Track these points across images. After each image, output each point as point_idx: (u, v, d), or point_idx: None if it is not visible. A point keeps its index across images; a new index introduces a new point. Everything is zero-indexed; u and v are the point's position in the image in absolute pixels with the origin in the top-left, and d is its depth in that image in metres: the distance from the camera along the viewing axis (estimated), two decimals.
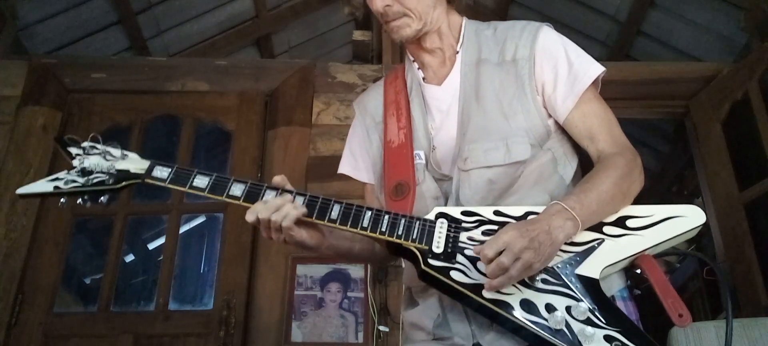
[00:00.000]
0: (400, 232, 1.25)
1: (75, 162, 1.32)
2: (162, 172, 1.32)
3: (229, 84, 3.46)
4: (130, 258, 5.08)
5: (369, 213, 1.27)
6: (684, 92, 3.50)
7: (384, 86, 1.56)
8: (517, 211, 1.26)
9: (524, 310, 1.15)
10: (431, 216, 1.27)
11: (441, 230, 1.24)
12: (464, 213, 1.27)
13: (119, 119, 3.38)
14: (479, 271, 1.18)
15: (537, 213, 1.22)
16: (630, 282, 1.27)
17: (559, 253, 1.20)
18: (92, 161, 1.32)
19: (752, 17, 3.45)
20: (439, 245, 1.22)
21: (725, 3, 3.66)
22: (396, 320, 2.88)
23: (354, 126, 1.62)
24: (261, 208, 1.25)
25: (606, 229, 1.25)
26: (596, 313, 1.15)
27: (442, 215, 1.26)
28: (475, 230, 1.24)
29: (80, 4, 3.95)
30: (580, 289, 1.18)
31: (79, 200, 1.31)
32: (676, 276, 4.69)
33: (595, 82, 1.37)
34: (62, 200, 1.31)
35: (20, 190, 1.31)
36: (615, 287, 1.27)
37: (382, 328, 2.89)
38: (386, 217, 1.26)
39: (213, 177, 1.31)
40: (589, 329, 1.12)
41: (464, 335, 1.27)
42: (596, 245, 1.23)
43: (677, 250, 1.31)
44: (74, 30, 4.05)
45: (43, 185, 1.30)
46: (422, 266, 1.21)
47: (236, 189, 1.29)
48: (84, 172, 1.31)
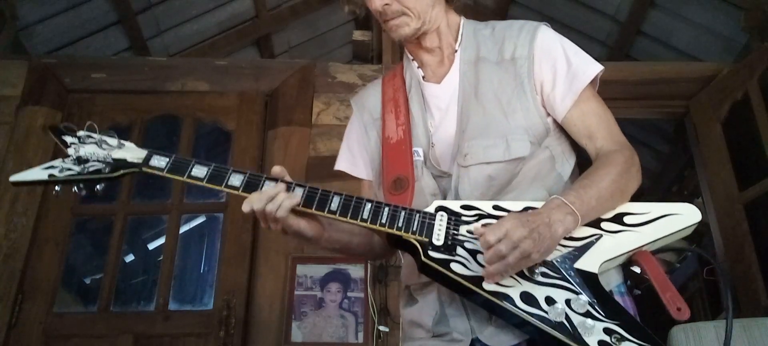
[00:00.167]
0: (401, 224, 1.25)
1: (70, 150, 1.30)
2: (160, 161, 1.31)
3: (229, 84, 3.46)
4: (130, 258, 5.07)
5: (369, 205, 1.27)
6: (684, 92, 3.50)
7: (382, 84, 1.57)
8: (516, 205, 1.26)
9: (524, 302, 1.16)
10: (431, 209, 1.27)
11: (441, 223, 1.24)
12: (464, 207, 1.27)
13: (119, 119, 3.37)
14: (479, 263, 1.19)
15: (535, 208, 1.23)
16: (630, 282, 1.28)
17: (558, 247, 1.21)
18: (88, 150, 1.31)
19: (752, 17, 3.45)
20: (439, 238, 1.23)
21: (725, 3, 3.66)
22: (396, 320, 2.87)
23: (351, 123, 1.61)
24: (256, 198, 1.25)
25: (604, 225, 1.26)
26: (596, 306, 1.16)
27: (442, 209, 1.27)
28: (475, 224, 1.24)
29: (80, 4, 3.95)
30: (580, 283, 1.19)
31: (75, 188, 1.29)
32: (676, 276, 4.69)
33: (594, 80, 1.37)
34: (57, 188, 1.29)
35: (14, 177, 1.28)
36: (613, 283, 1.28)
37: (382, 328, 2.89)
38: (386, 209, 1.26)
39: (211, 167, 1.30)
40: (589, 322, 1.13)
41: (463, 331, 1.28)
42: (594, 241, 1.24)
43: (680, 246, 1.32)
44: (74, 30, 4.05)
45: (38, 173, 1.28)
46: (422, 259, 1.21)
47: (235, 179, 1.29)
48: (80, 160, 1.30)
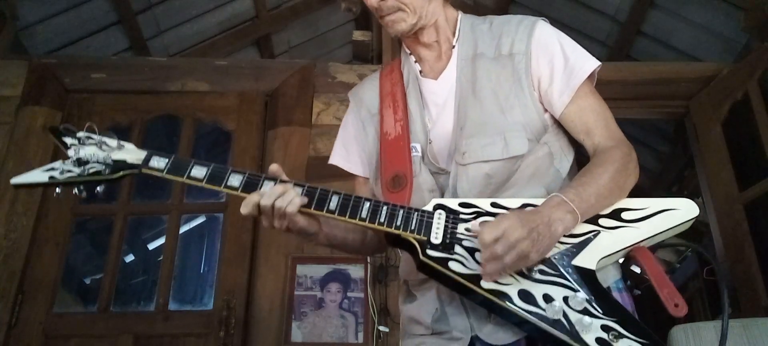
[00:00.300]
0: (399, 223, 1.25)
1: (70, 152, 1.31)
2: (159, 162, 1.32)
3: (229, 84, 3.45)
4: (130, 258, 5.08)
5: (367, 204, 1.27)
6: (684, 92, 3.50)
7: (380, 79, 1.56)
8: (514, 203, 1.26)
9: (522, 300, 1.16)
10: (429, 207, 1.27)
11: (439, 221, 1.24)
12: (462, 204, 1.27)
13: (119, 119, 3.37)
14: (477, 261, 1.19)
15: (533, 205, 1.23)
16: (630, 282, 1.28)
17: (556, 244, 1.21)
18: (88, 151, 1.31)
19: (752, 17, 3.44)
20: (438, 236, 1.23)
21: (725, 3, 3.66)
22: (396, 320, 2.87)
23: (347, 117, 1.60)
24: (263, 196, 1.25)
25: (601, 221, 1.26)
26: (593, 303, 1.16)
27: (440, 206, 1.27)
28: (473, 222, 1.24)
29: (80, 4, 3.96)
30: (577, 280, 1.19)
31: (75, 190, 1.30)
32: (677, 276, 4.67)
33: (591, 76, 1.37)
34: (58, 190, 1.29)
35: (14, 179, 1.29)
36: (610, 279, 1.28)
37: (382, 328, 2.89)
38: (384, 208, 1.26)
39: (211, 167, 1.30)
40: (587, 319, 1.13)
41: (462, 329, 1.28)
42: (592, 237, 1.24)
43: (677, 242, 1.32)
44: (74, 30, 4.05)
45: (38, 175, 1.29)
46: (421, 257, 1.21)
47: (234, 179, 1.29)
48: (80, 162, 1.30)
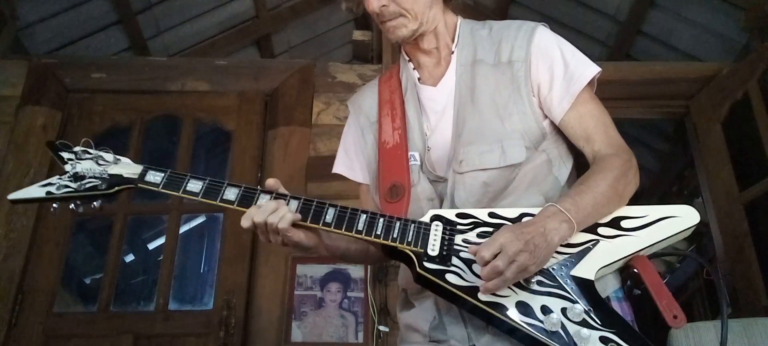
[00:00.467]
0: (396, 235, 1.24)
1: (67, 167, 1.31)
2: (155, 176, 1.31)
3: (229, 84, 3.45)
4: (130, 258, 5.08)
5: (364, 216, 1.26)
6: (684, 92, 3.49)
7: (379, 85, 1.55)
8: (512, 212, 1.25)
9: (520, 312, 1.15)
10: (426, 219, 1.26)
11: (436, 233, 1.24)
12: (459, 215, 1.26)
13: (119, 119, 3.37)
14: (474, 273, 1.18)
15: (532, 214, 1.22)
16: (630, 282, 1.27)
17: (554, 254, 1.20)
18: (84, 166, 1.31)
19: (752, 17, 3.44)
20: (435, 248, 1.22)
21: (725, 3, 3.65)
22: (396, 320, 2.86)
23: (348, 125, 1.61)
24: (256, 212, 1.24)
25: (601, 230, 1.25)
26: (591, 314, 1.15)
27: (437, 218, 1.26)
28: (470, 233, 1.24)
29: (80, 4, 3.95)
30: (576, 290, 1.18)
31: (72, 206, 1.30)
32: (676, 276, 4.68)
33: (591, 82, 1.36)
34: (54, 206, 1.29)
35: (12, 196, 1.29)
36: (610, 288, 1.27)
37: (382, 328, 2.89)
38: (381, 220, 1.26)
39: (206, 182, 1.30)
40: (585, 331, 1.12)
41: (460, 338, 1.27)
42: (591, 246, 1.23)
43: (674, 252, 1.31)
44: (74, 30, 4.05)
45: (36, 191, 1.29)
46: (418, 270, 1.21)
47: (230, 193, 1.29)
48: (76, 177, 1.30)
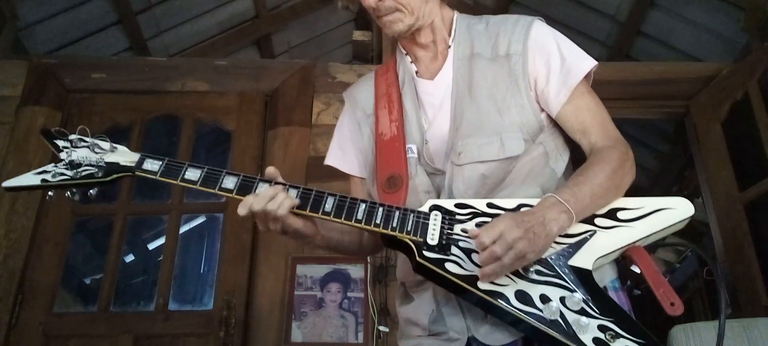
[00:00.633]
0: (395, 224, 1.24)
1: (62, 155, 1.30)
2: (152, 164, 1.31)
3: (229, 84, 3.46)
4: (130, 258, 5.08)
5: (363, 206, 1.26)
6: (684, 92, 3.50)
7: (375, 79, 1.55)
8: (510, 203, 1.26)
9: (519, 301, 1.16)
10: (425, 208, 1.27)
11: (435, 223, 1.24)
12: (458, 205, 1.27)
13: (119, 119, 3.38)
14: (474, 262, 1.19)
15: (530, 205, 1.23)
16: (630, 282, 1.27)
17: (553, 245, 1.21)
18: (80, 154, 1.30)
19: (752, 17, 3.44)
20: (434, 237, 1.22)
21: (725, 3, 3.66)
22: (396, 320, 2.87)
23: (343, 117, 1.60)
24: (254, 199, 1.24)
25: (598, 221, 1.26)
26: (590, 303, 1.16)
27: (436, 207, 1.27)
28: (469, 223, 1.24)
29: (80, 4, 3.96)
30: (574, 280, 1.19)
31: (68, 193, 1.29)
32: (677, 276, 4.69)
33: (588, 76, 1.37)
34: (50, 194, 1.29)
35: (6, 183, 1.28)
36: (607, 278, 1.28)
37: (382, 328, 2.89)
38: (380, 209, 1.26)
39: (205, 170, 1.29)
40: (584, 319, 1.13)
41: (459, 329, 1.28)
42: (588, 237, 1.24)
43: (678, 243, 1.32)
44: (74, 30, 4.05)
45: (31, 178, 1.27)
46: (417, 259, 1.21)
47: (229, 182, 1.28)
48: (72, 165, 1.29)
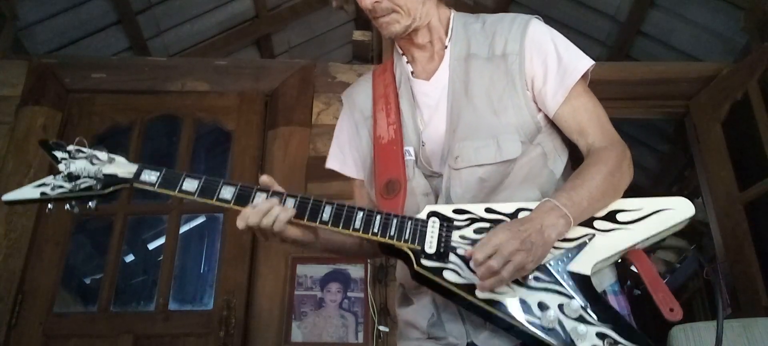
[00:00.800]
0: (393, 232, 1.24)
1: (61, 166, 1.30)
2: (150, 176, 1.30)
3: (229, 84, 3.45)
4: (130, 258, 5.09)
5: (361, 214, 1.26)
6: (684, 92, 3.49)
7: (373, 80, 1.54)
8: (508, 207, 1.25)
9: (517, 309, 1.15)
10: (423, 215, 1.26)
11: (433, 230, 1.23)
12: (456, 211, 1.26)
13: (119, 119, 3.37)
14: (472, 270, 1.18)
15: (528, 209, 1.22)
16: (630, 282, 1.27)
17: (551, 250, 1.19)
18: (78, 166, 1.30)
19: (752, 17, 3.44)
20: (432, 245, 1.22)
21: (725, 3, 3.65)
22: (396, 320, 2.87)
23: (342, 119, 1.59)
24: (250, 213, 1.24)
25: (596, 223, 1.24)
26: (588, 310, 1.15)
27: (434, 214, 1.26)
28: (467, 229, 1.23)
29: (80, 4, 3.95)
30: (572, 286, 1.18)
31: (67, 206, 1.28)
32: (677, 276, 4.68)
33: (585, 75, 1.36)
34: (50, 206, 1.28)
35: (6, 197, 1.28)
36: (606, 282, 1.26)
37: (382, 328, 2.89)
38: (378, 217, 1.25)
39: (202, 180, 1.29)
40: (582, 327, 1.12)
41: (458, 335, 1.27)
42: (587, 241, 1.23)
43: (677, 244, 1.32)
44: (74, 30, 4.05)
45: (30, 192, 1.27)
46: (415, 267, 1.20)
47: (226, 192, 1.28)
48: (71, 177, 1.29)
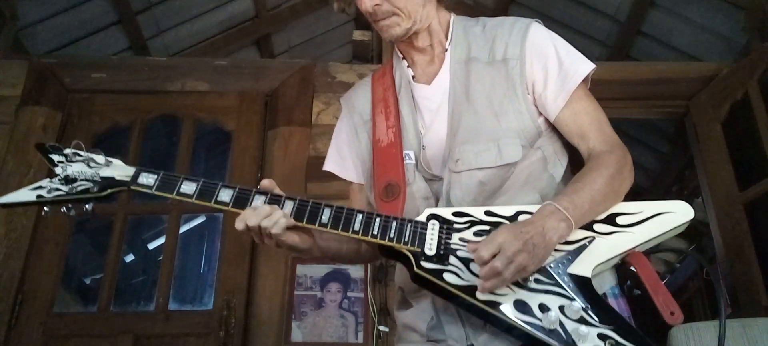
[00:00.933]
0: (392, 235, 1.24)
1: (57, 169, 1.29)
2: (148, 178, 1.30)
3: (229, 84, 3.45)
4: (130, 258, 5.09)
5: (360, 216, 1.25)
6: (684, 92, 3.49)
7: (372, 83, 1.54)
8: (508, 211, 1.25)
9: (518, 310, 1.15)
10: (422, 218, 1.26)
11: (433, 232, 1.23)
12: (455, 214, 1.26)
13: (119, 119, 3.37)
14: (472, 272, 1.18)
15: (528, 212, 1.22)
16: (630, 282, 1.27)
17: (552, 252, 1.20)
18: (75, 169, 1.29)
19: (752, 17, 3.44)
20: (432, 248, 1.21)
21: (725, 3, 3.65)
22: (395, 320, 2.87)
23: (341, 123, 1.59)
24: (250, 214, 1.23)
25: (596, 226, 1.25)
26: (589, 311, 1.15)
27: (434, 217, 1.25)
28: (467, 231, 1.23)
29: (80, 4, 3.95)
30: (573, 288, 1.18)
31: (63, 209, 1.28)
32: (676, 276, 4.69)
33: (586, 79, 1.36)
34: (46, 209, 1.28)
35: (2, 199, 1.27)
36: (606, 285, 1.26)
37: (382, 328, 2.89)
38: (377, 220, 1.25)
39: (200, 183, 1.28)
40: (583, 328, 1.12)
41: (458, 337, 1.27)
42: (587, 244, 1.23)
43: (675, 246, 1.32)
44: (74, 30, 4.05)
45: (26, 194, 1.27)
46: (415, 269, 1.20)
47: (224, 195, 1.28)
48: (67, 179, 1.28)
